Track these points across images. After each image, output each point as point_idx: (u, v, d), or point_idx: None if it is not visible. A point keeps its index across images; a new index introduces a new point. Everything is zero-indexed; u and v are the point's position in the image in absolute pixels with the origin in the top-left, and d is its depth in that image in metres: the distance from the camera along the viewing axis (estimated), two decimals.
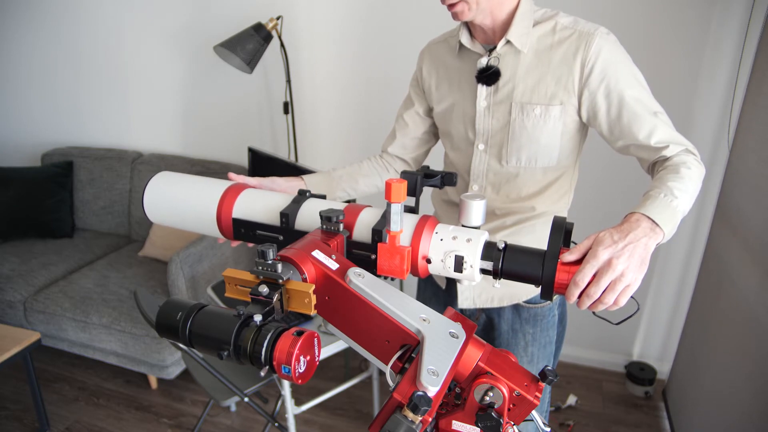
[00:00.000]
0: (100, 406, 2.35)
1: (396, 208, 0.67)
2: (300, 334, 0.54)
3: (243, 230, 0.81)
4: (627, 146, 1.03)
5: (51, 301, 2.38)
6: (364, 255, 0.73)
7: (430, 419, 0.55)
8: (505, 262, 0.68)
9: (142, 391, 2.45)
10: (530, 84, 1.05)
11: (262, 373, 0.54)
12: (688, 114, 2.03)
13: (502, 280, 0.71)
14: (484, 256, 0.68)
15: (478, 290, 1.23)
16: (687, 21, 1.92)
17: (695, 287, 2.12)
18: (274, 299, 0.59)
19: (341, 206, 0.78)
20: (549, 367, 0.64)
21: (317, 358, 0.57)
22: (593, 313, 0.73)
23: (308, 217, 0.78)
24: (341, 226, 0.73)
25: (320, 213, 0.73)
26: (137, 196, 2.89)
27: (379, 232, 0.71)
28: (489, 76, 1.06)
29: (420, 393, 0.53)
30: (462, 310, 1.26)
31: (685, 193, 0.88)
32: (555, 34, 1.04)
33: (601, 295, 0.69)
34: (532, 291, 1.22)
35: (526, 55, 1.05)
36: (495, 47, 1.07)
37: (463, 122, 1.14)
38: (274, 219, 0.80)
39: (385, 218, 0.72)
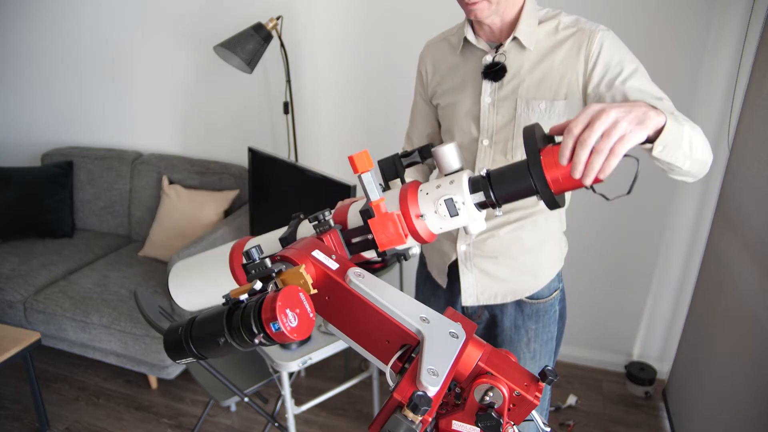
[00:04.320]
0: (100, 406, 2.35)
1: (367, 177, 0.66)
2: None
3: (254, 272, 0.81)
4: None
5: (51, 301, 2.38)
6: (363, 240, 0.72)
7: (430, 419, 0.55)
8: (494, 186, 0.66)
9: (142, 391, 2.45)
10: (535, 80, 1.07)
11: (257, 341, 0.54)
12: (688, 114, 2.02)
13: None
14: (472, 190, 0.67)
15: (481, 287, 1.24)
16: (687, 21, 1.92)
17: (695, 287, 2.12)
18: (269, 289, 0.59)
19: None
20: (549, 367, 0.64)
21: (311, 314, 0.55)
22: (592, 189, 0.69)
23: (306, 234, 0.79)
24: (331, 221, 0.73)
25: (308, 218, 0.73)
26: (137, 196, 2.89)
27: (366, 211, 0.70)
28: (496, 72, 1.08)
29: (420, 393, 0.53)
30: (464, 308, 1.27)
31: (692, 130, 0.85)
32: (558, 33, 1.07)
33: (596, 145, 0.64)
34: (533, 286, 1.23)
35: (531, 52, 1.07)
36: (501, 44, 1.09)
37: (466, 119, 1.15)
38: (276, 249, 0.80)
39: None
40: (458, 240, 1.22)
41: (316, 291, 0.62)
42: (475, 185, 0.67)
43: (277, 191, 2.24)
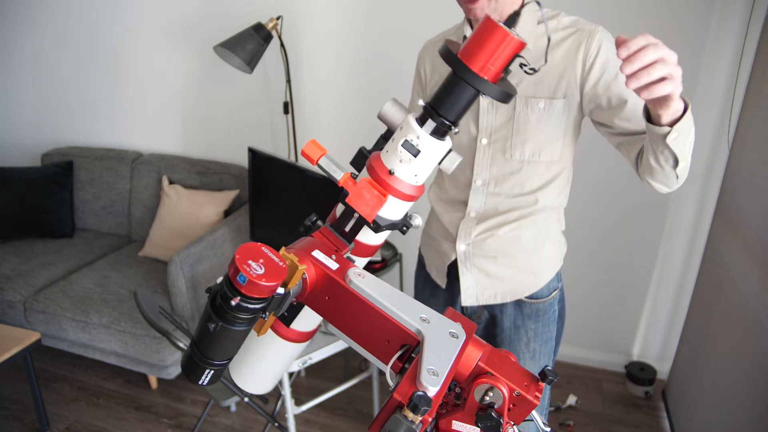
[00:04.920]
0: (100, 406, 2.35)
1: (324, 161, 0.68)
2: None
3: (287, 315, 0.80)
4: (628, 131, 1.03)
5: (51, 301, 2.38)
6: (354, 224, 0.71)
7: (430, 419, 0.55)
8: (437, 109, 0.66)
9: (142, 391, 2.45)
10: (534, 79, 1.07)
11: (233, 303, 0.54)
12: None
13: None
14: (421, 124, 0.67)
15: (481, 287, 1.24)
16: (687, 21, 1.92)
17: (695, 287, 2.12)
18: None
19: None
20: (549, 367, 0.64)
21: (281, 263, 0.55)
22: (527, 66, 0.75)
23: None
24: (320, 222, 0.73)
25: (300, 230, 0.74)
26: (137, 196, 2.89)
27: (341, 193, 0.70)
28: None
29: (420, 393, 0.53)
30: (464, 308, 1.27)
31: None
32: (557, 33, 1.07)
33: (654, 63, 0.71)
34: (533, 286, 1.23)
35: (529, 51, 1.07)
36: None
37: (465, 118, 1.15)
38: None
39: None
40: (457, 240, 1.22)
41: (305, 266, 0.62)
42: (422, 118, 0.67)
43: (277, 191, 2.24)
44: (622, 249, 2.31)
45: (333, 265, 0.65)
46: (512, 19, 0.66)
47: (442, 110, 0.66)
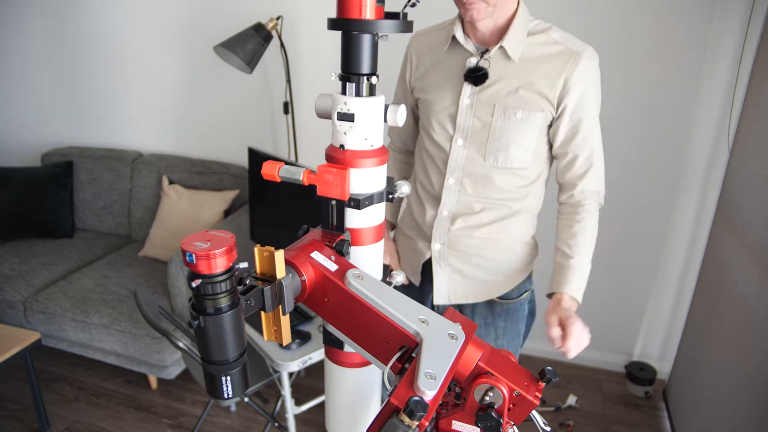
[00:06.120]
0: (100, 406, 2.35)
1: (284, 170, 0.72)
2: None
3: (333, 340, 0.81)
4: (566, 156, 1.15)
5: (51, 301, 2.38)
6: (337, 213, 0.74)
7: (427, 424, 0.54)
8: (350, 69, 0.70)
9: (142, 391, 2.45)
10: (516, 90, 1.09)
11: (194, 284, 0.55)
12: (689, 114, 2.03)
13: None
14: (344, 92, 0.71)
15: (454, 287, 1.26)
16: (687, 21, 1.92)
17: (695, 287, 2.12)
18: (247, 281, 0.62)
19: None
20: (549, 367, 0.64)
21: (227, 235, 0.57)
22: None
23: None
24: (310, 229, 0.77)
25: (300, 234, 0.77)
26: (137, 196, 2.89)
27: (314, 192, 0.73)
28: (478, 76, 1.09)
29: (416, 398, 0.53)
30: (435, 307, 1.28)
31: (591, 254, 1.21)
32: (545, 47, 1.08)
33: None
34: (504, 288, 1.26)
35: (515, 63, 1.08)
36: (487, 50, 1.10)
37: (444, 116, 1.17)
38: None
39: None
40: (433, 239, 1.23)
41: (282, 249, 0.63)
42: (342, 87, 0.71)
43: (276, 191, 2.24)
44: (623, 249, 2.31)
45: (332, 266, 0.65)
46: None
47: (353, 68, 0.70)
